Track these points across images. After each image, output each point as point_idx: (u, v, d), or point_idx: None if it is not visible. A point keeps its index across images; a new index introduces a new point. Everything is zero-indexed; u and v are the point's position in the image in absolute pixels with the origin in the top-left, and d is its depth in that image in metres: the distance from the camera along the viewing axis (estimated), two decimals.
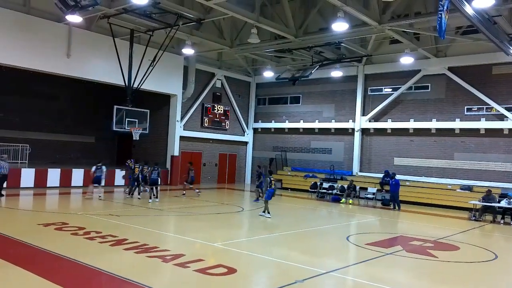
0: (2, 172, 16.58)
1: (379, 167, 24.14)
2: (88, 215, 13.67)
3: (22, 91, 25.16)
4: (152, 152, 26.33)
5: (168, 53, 22.34)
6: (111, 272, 7.43)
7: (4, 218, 13.26)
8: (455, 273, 9.14)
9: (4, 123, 24.37)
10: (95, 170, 17.54)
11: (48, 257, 8.32)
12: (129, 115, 20.38)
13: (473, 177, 21.30)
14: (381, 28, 18.58)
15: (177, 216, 15.05)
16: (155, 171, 17.75)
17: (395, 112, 24.27)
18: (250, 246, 10.51)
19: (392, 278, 8.39)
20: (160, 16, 19.02)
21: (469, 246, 12.08)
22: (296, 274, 8.04)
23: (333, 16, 17.92)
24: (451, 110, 22.30)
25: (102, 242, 9.75)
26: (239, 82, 30.01)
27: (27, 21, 18.99)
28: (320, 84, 27.06)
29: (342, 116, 26.34)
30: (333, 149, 26.81)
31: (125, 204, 17.17)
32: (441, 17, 11.94)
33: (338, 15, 16.65)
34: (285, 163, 28.52)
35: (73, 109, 28.11)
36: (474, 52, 21.18)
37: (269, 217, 14.70)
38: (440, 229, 15.01)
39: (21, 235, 9.93)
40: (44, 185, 20.12)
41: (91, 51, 21.16)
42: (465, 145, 21.86)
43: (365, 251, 10.55)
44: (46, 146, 25.75)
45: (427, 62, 22.80)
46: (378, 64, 24.81)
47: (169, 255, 8.84)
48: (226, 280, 7.51)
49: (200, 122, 27.40)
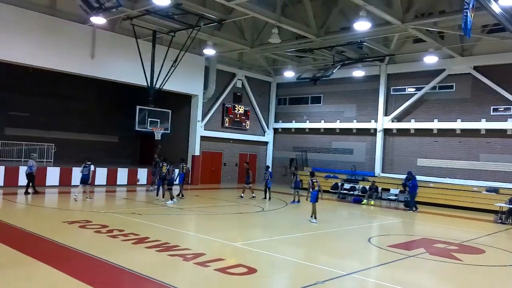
0: (32, 170, 17.05)
1: (402, 168, 23.76)
2: (111, 213, 13.89)
3: (47, 92, 25.77)
4: (174, 151, 26.61)
5: (190, 54, 22.53)
6: (133, 270, 7.52)
7: (31, 216, 13.63)
8: (480, 277, 8.92)
9: (31, 123, 25.04)
10: (83, 169, 16.43)
11: (73, 255, 8.49)
12: (151, 115, 20.66)
13: (500, 179, 20.75)
14: (404, 27, 18.30)
15: (198, 215, 15.16)
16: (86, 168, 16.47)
17: (419, 112, 23.86)
18: (270, 246, 10.49)
19: (415, 281, 8.24)
20: (182, 17, 19.21)
21: (495, 250, 11.78)
22: (317, 275, 7.99)
23: (355, 15, 17.73)
24: (476, 110, 21.78)
25: (125, 240, 9.89)
26: (259, 82, 30.02)
27: (52, 23, 19.42)
28: (342, 84, 26.82)
29: (364, 116, 26.04)
30: (354, 149, 26.54)
31: (147, 203, 17.38)
32: (467, 15, 11.68)
33: (360, 14, 16.46)
34: (306, 164, 28.38)
35: (97, 109, 28.65)
36: (500, 51, 20.63)
37: (316, 222, 14.06)
38: (465, 231, 14.68)
39: (47, 232, 10.17)
40: (68, 184, 20.56)
41: (115, 52, 21.51)
42: (491, 146, 21.32)
43: (387, 253, 10.40)
44: (71, 146, 26.32)
45: (452, 61, 22.33)
46: (401, 63, 24.43)
47: (189, 254, 8.90)
48: (246, 280, 7.51)
49: (220, 122, 27.53)
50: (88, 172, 16.46)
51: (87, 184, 16.68)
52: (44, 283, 6.83)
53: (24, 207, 15.25)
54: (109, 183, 21.98)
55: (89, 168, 16.48)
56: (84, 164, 16.51)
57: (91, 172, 16.64)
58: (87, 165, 16.47)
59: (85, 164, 16.49)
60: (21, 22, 18.49)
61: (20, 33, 18.48)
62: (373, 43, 21.94)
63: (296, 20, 20.69)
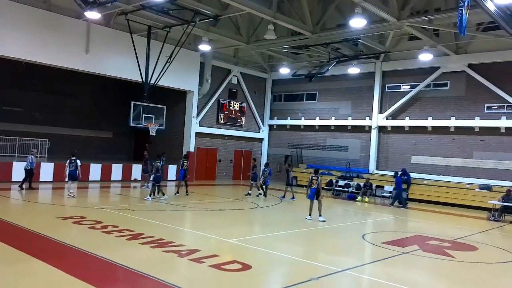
0: (32, 166, 16.94)
1: (396, 165, 23.85)
2: (105, 209, 13.85)
3: (41, 87, 25.62)
4: (168, 148, 26.56)
5: (185, 50, 22.46)
6: (128, 266, 7.51)
7: (24, 212, 13.58)
8: (472, 274, 8.99)
9: (25, 118, 24.88)
10: (69, 165, 15.75)
11: (67, 251, 8.46)
12: (146, 111, 20.59)
13: (493, 177, 20.89)
14: (399, 24, 18.33)
15: (193, 212, 15.15)
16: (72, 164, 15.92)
17: (413, 109, 23.95)
18: (265, 242, 10.51)
19: (408, 278, 8.29)
20: (177, 13, 19.13)
21: (488, 247, 11.87)
22: (311, 272, 8.02)
23: (351, 12, 17.77)
24: (470, 108, 21.90)
25: (119, 236, 9.87)
26: (255, 79, 29.99)
27: (47, 18, 19.27)
28: (337, 81, 26.85)
29: (359, 114, 26.11)
30: (349, 146, 26.62)
31: (141, 199, 17.34)
32: (462, 13, 11.70)
33: (356, 11, 16.47)
34: (301, 160, 28.43)
35: (91, 105, 28.52)
36: (495, 49, 20.73)
37: (310, 219, 14.04)
38: (458, 229, 14.78)
39: (41, 228, 10.13)
40: (62, 179, 20.40)
41: (109, 48, 21.39)
42: (485, 144, 21.46)
43: (381, 250, 10.46)
44: (65, 141, 26.18)
45: (447, 59, 22.41)
46: (396, 61, 24.49)
47: (184, 250, 8.90)
48: (240, 276, 7.53)
49: (216, 119, 27.50)
50: (75, 168, 15.73)
51: (76, 180, 15.96)
52: (39, 280, 6.80)
53: (17, 203, 15.17)
54: (104, 179, 21.92)
55: (75, 163, 15.77)
56: (69, 160, 15.79)
57: (78, 167, 15.89)
58: (73, 160, 15.75)
59: (70, 159, 15.77)
60: (15, 16, 18.35)
61: (14, 27, 18.32)
62: (369, 40, 21.98)
63: (292, 17, 20.67)
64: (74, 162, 15.81)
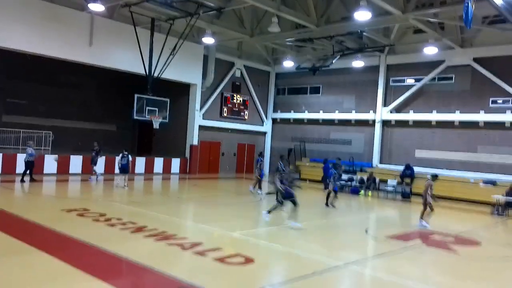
0: (32, 158, 17.02)
1: (400, 159, 23.79)
2: (109, 201, 13.90)
3: (46, 79, 25.61)
4: (172, 140, 26.61)
5: (188, 42, 22.37)
6: (132, 259, 7.54)
7: (28, 204, 13.63)
8: (475, 268, 8.97)
9: (29, 110, 24.93)
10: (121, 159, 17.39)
11: (71, 243, 8.50)
12: (150, 104, 20.55)
13: (497, 171, 20.80)
14: (404, 17, 18.19)
15: (196, 205, 15.18)
16: (124, 158, 17.51)
17: (418, 103, 23.82)
18: (268, 236, 10.52)
19: (411, 272, 8.29)
20: (180, 5, 19.04)
21: (491, 242, 11.85)
22: (314, 266, 8.03)
23: (355, 5, 17.63)
24: (475, 102, 21.75)
25: (123, 229, 9.91)
26: (258, 72, 29.87)
27: (51, 10, 19.22)
28: (341, 74, 26.71)
29: (363, 107, 25.99)
30: (353, 140, 26.54)
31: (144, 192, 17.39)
32: (468, 6, 11.60)
33: (360, 3, 16.36)
34: (304, 154, 28.39)
35: (95, 98, 28.52)
36: (501, 42, 20.54)
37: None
38: (462, 223, 14.76)
39: (45, 220, 10.16)
40: (66, 172, 20.52)
41: (113, 40, 21.34)
42: (490, 138, 21.35)
43: (384, 244, 10.46)
44: (68, 134, 26.24)
45: (452, 53, 22.24)
46: (401, 54, 24.32)
47: (187, 243, 8.92)
48: (243, 270, 7.54)
49: (219, 112, 27.45)
50: (127, 162, 17.35)
51: (127, 173, 17.45)
52: (42, 272, 6.83)
53: (21, 195, 15.25)
54: (107, 171, 21.96)
55: (127, 157, 17.36)
56: (121, 154, 17.38)
57: (129, 161, 17.53)
58: (125, 155, 17.31)
59: (122, 154, 17.34)
60: (19, 8, 18.32)
61: (18, 19, 18.28)
62: (373, 33, 21.82)
63: (296, 9, 20.55)
64: (126, 157, 17.40)
